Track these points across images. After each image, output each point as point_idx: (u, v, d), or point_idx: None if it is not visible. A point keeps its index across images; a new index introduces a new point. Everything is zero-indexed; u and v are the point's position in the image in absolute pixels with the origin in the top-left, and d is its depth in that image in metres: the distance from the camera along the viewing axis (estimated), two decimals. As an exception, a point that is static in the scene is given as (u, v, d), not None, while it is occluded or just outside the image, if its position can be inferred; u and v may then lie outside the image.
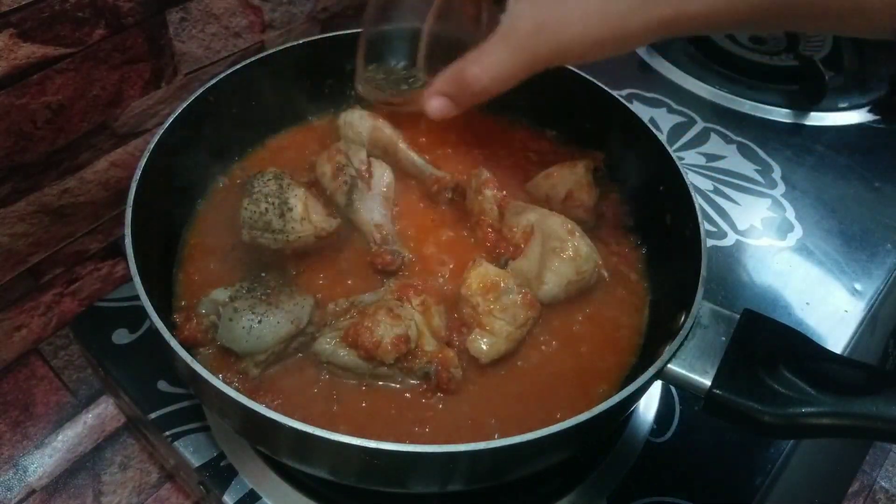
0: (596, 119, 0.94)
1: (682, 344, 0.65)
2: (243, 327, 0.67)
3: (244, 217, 0.76)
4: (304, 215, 0.76)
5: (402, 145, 0.90)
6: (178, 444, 0.83)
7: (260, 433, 0.65)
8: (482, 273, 0.74)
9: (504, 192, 0.86)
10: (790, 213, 1.12)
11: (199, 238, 0.84)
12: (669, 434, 0.86)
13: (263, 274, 0.77)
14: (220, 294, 0.72)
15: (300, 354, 0.72)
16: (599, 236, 0.88)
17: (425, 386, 0.70)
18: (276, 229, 0.76)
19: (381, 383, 0.71)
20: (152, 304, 0.63)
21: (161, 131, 0.77)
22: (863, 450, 1.45)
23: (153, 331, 0.62)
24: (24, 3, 0.73)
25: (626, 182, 0.93)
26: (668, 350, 0.64)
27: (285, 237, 0.76)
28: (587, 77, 0.92)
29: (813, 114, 1.29)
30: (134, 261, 0.66)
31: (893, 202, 1.15)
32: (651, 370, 0.63)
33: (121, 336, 0.93)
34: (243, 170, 0.91)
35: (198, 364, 0.60)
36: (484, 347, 0.72)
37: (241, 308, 0.68)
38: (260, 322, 0.67)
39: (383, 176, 0.87)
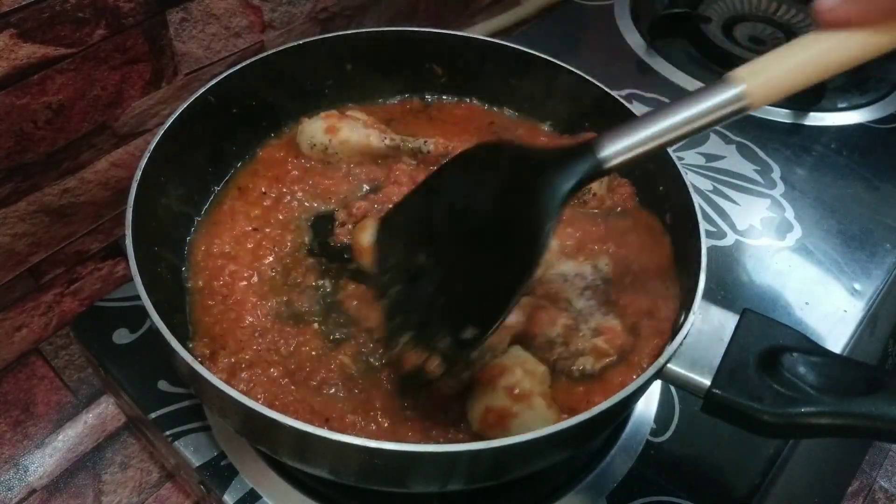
0: (595, 119, 0.94)
1: (681, 344, 0.65)
2: None
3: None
4: None
5: (374, 135, 0.91)
6: (179, 444, 0.83)
7: (260, 433, 0.65)
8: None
9: None
10: (789, 213, 1.13)
11: (199, 238, 0.84)
12: (669, 434, 0.86)
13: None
14: None
15: None
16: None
17: None
18: (475, 358, 0.68)
19: None
20: (153, 304, 0.63)
21: (162, 131, 0.77)
22: (862, 450, 1.45)
23: (154, 331, 0.63)
24: (24, 3, 0.73)
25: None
26: (668, 350, 0.64)
27: (488, 359, 0.68)
28: (587, 77, 0.92)
29: (812, 114, 1.29)
30: (134, 260, 0.66)
31: (893, 202, 1.16)
32: (651, 370, 0.63)
33: (121, 336, 0.93)
34: (245, 170, 0.92)
35: (198, 364, 0.60)
36: None
37: None
38: None
39: None
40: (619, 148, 0.57)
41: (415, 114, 1.01)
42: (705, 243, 0.72)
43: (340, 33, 0.94)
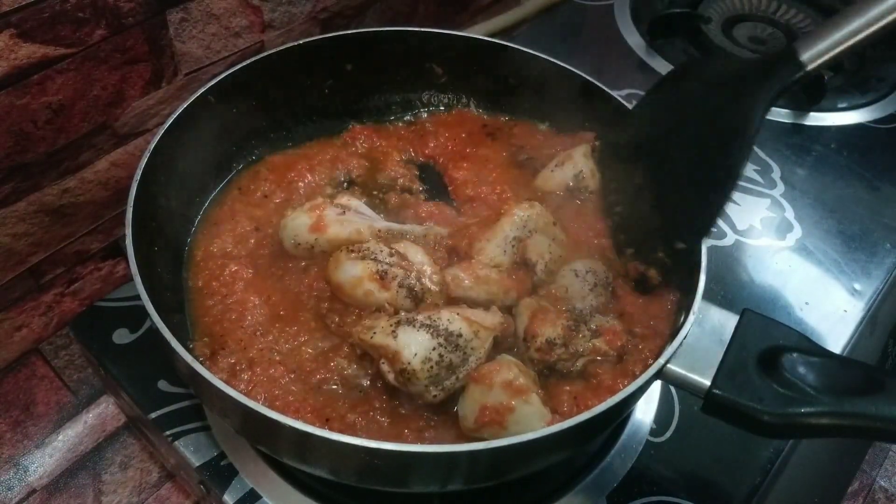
0: (595, 120, 0.94)
1: (681, 344, 0.65)
2: None
3: (425, 385, 0.67)
4: (475, 328, 0.69)
5: (364, 229, 0.81)
6: (179, 444, 0.83)
7: (260, 433, 0.65)
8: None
9: None
10: (789, 213, 1.13)
11: (199, 238, 0.84)
12: (669, 434, 0.86)
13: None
14: None
15: None
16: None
17: None
18: (458, 364, 0.68)
19: None
20: (153, 304, 0.63)
21: (162, 131, 0.77)
22: (862, 450, 1.46)
23: (153, 330, 0.63)
24: (24, 3, 0.73)
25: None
26: (668, 350, 0.64)
27: (472, 364, 0.69)
28: (587, 77, 0.92)
29: (813, 114, 1.29)
30: (134, 260, 0.66)
31: (893, 202, 1.16)
32: (651, 370, 0.63)
33: (121, 336, 0.93)
34: (247, 170, 0.92)
35: (198, 364, 0.60)
36: None
37: None
38: None
39: (417, 256, 0.77)
40: (820, 48, 0.61)
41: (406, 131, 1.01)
42: (705, 243, 0.72)
43: (340, 33, 0.94)
